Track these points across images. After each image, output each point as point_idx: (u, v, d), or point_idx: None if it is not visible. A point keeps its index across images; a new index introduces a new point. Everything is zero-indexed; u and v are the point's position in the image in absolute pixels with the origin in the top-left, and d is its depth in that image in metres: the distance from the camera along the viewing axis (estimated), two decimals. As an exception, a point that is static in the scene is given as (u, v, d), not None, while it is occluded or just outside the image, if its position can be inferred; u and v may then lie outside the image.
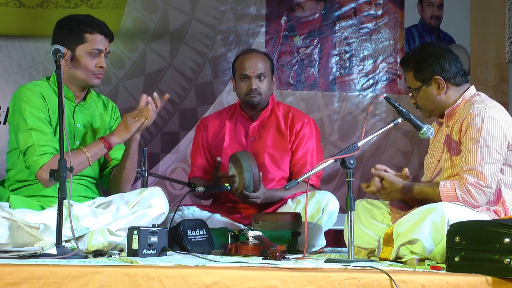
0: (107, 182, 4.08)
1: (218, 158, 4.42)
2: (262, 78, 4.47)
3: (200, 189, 4.28)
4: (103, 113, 4.05)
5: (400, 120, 3.65)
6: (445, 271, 3.12)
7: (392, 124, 3.65)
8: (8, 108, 5.67)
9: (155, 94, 3.89)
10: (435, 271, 3.13)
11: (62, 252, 3.19)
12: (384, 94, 3.86)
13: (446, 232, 3.20)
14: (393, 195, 3.74)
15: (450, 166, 3.70)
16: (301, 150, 4.50)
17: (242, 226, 4.30)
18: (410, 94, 3.81)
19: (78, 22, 3.87)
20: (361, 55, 6.33)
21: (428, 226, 3.41)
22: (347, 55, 6.31)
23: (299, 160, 4.49)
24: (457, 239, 3.10)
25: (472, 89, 3.79)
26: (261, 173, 4.24)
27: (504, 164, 3.64)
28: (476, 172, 3.54)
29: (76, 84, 3.91)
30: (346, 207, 3.39)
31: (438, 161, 3.78)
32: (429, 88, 3.75)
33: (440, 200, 3.58)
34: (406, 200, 3.82)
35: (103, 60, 3.88)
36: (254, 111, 4.56)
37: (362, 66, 6.32)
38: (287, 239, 4.02)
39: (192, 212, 4.39)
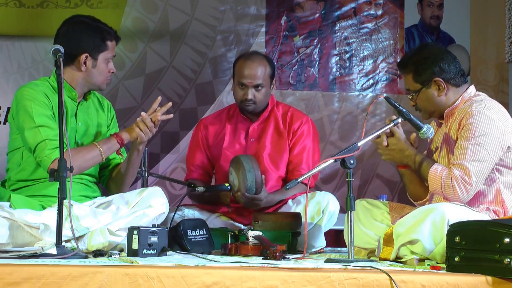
0: (106, 182, 4.09)
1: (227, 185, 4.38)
2: (260, 88, 4.43)
3: (200, 189, 4.27)
4: (100, 112, 4.06)
5: (400, 120, 3.65)
6: (445, 271, 3.12)
7: (392, 124, 3.65)
8: (8, 108, 5.67)
9: (159, 98, 3.91)
10: (435, 271, 3.13)
11: (62, 252, 3.19)
12: (384, 94, 3.86)
13: (446, 232, 3.21)
14: (394, 154, 3.72)
15: (447, 164, 3.70)
16: (298, 148, 4.49)
17: (242, 226, 4.30)
18: (410, 96, 3.80)
19: (100, 30, 3.90)
20: (361, 55, 6.33)
21: (428, 226, 3.41)
22: (347, 55, 6.31)
23: (295, 157, 4.48)
24: (457, 239, 3.10)
25: (472, 89, 3.78)
26: (263, 176, 4.22)
27: (501, 166, 3.63)
28: (462, 167, 3.53)
29: (87, 87, 3.94)
30: (346, 207, 3.39)
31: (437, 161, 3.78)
32: (429, 90, 3.74)
33: (426, 179, 3.60)
34: (401, 167, 3.84)
35: (113, 65, 3.94)
36: (253, 113, 4.55)
37: (362, 66, 6.32)
38: (287, 239, 4.02)
39: (192, 212, 4.39)
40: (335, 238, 5.19)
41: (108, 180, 4.09)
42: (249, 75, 4.40)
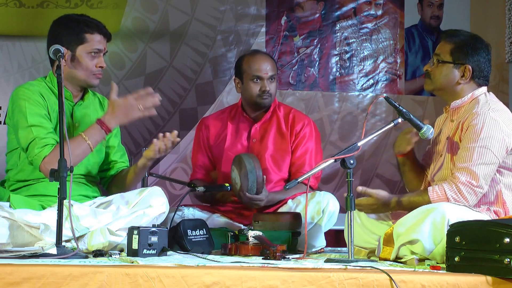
0: (107, 185, 4.09)
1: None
2: (273, 80, 4.47)
3: (201, 189, 4.28)
4: (100, 112, 4.04)
5: (400, 120, 3.65)
6: (445, 271, 3.12)
7: (392, 124, 3.64)
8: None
9: (167, 134, 3.84)
10: (435, 271, 3.13)
11: (62, 252, 3.19)
12: (384, 94, 3.86)
13: (446, 232, 3.21)
14: (380, 210, 3.73)
15: (451, 163, 3.69)
16: (300, 150, 4.49)
17: (242, 226, 4.30)
18: (434, 60, 3.77)
19: (78, 22, 3.86)
20: (361, 55, 6.33)
21: (428, 226, 3.41)
22: (347, 55, 6.31)
23: (298, 160, 4.49)
24: (457, 239, 3.10)
25: (483, 89, 3.77)
26: (264, 176, 4.23)
27: (502, 168, 3.63)
28: (469, 171, 3.53)
29: (75, 84, 3.91)
30: (346, 207, 3.39)
31: (441, 155, 3.77)
32: (455, 70, 3.73)
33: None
34: (399, 156, 3.87)
35: (102, 60, 3.88)
36: (257, 112, 4.55)
37: (362, 66, 6.32)
38: (287, 239, 4.03)
39: (192, 212, 4.39)
40: (335, 238, 5.19)
41: (110, 184, 4.08)
42: (264, 67, 4.46)
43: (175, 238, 3.80)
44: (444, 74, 3.75)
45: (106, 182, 4.10)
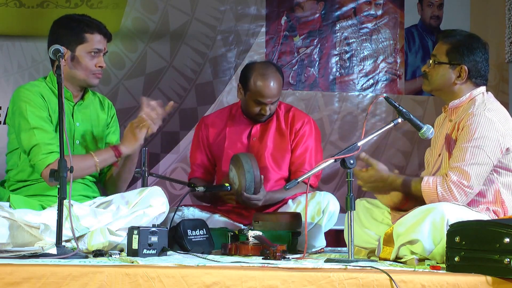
0: (104, 180, 4.09)
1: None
2: (275, 101, 4.46)
3: (200, 189, 4.28)
4: (100, 112, 4.05)
5: (400, 120, 3.64)
6: (445, 271, 3.12)
7: (392, 124, 3.64)
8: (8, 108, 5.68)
9: (152, 102, 3.87)
10: (435, 271, 3.13)
11: (62, 252, 3.19)
12: (384, 94, 3.85)
13: (445, 232, 3.21)
14: (377, 184, 3.70)
15: (448, 163, 3.69)
16: (300, 148, 4.49)
17: (242, 226, 4.30)
18: (431, 61, 3.77)
19: (78, 22, 3.87)
20: (361, 55, 6.33)
21: (428, 226, 3.41)
22: (347, 55, 6.31)
23: (298, 158, 4.48)
24: (457, 239, 3.10)
25: (481, 88, 3.77)
26: (262, 176, 4.22)
27: (500, 167, 3.63)
28: (461, 171, 3.53)
29: (75, 84, 3.91)
30: (346, 207, 3.39)
31: (439, 155, 3.77)
32: (451, 70, 3.73)
33: (421, 195, 3.58)
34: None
35: (102, 60, 3.88)
36: (256, 117, 4.56)
37: (362, 66, 6.32)
38: (287, 239, 4.03)
39: (192, 212, 4.39)
40: (335, 238, 5.19)
41: (105, 178, 4.08)
42: (269, 95, 4.41)
43: (175, 238, 3.80)
44: (440, 75, 3.75)
45: (103, 178, 4.09)
